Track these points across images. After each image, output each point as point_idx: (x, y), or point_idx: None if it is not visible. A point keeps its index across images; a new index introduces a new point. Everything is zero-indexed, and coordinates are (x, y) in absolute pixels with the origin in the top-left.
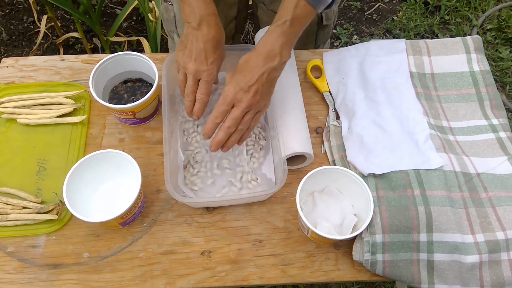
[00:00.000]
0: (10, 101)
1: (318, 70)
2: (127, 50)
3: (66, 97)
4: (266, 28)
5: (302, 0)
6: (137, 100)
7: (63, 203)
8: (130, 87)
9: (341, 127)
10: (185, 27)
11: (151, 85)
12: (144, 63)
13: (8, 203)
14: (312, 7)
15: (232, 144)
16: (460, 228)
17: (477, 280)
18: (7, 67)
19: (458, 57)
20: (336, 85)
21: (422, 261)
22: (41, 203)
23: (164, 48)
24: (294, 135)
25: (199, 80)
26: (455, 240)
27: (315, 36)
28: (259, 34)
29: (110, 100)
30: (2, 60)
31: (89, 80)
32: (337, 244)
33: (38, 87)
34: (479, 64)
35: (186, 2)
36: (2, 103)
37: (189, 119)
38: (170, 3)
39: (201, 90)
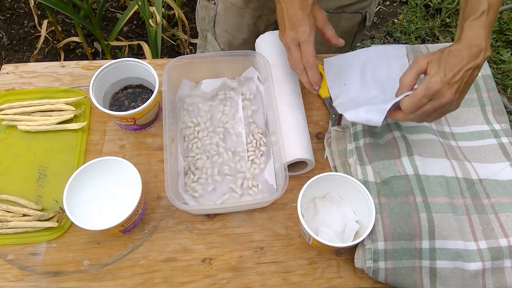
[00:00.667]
0: (11, 108)
1: None
2: (127, 54)
3: (67, 104)
4: (267, 33)
5: None
6: (138, 107)
7: (63, 211)
8: (130, 94)
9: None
10: (277, 4)
11: (152, 91)
12: (145, 69)
13: (9, 210)
14: None
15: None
16: (463, 235)
17: None
18: (8, 73)
19: None
20: (337, 90)
21: (425, 268)
22: (42, 210)
23: (165, 52)
24: (295, 141)
25: (299, 47)
26: (457, 247)
27: (353, 37)
28: (259, 40)
29: (111, 107)
30: (3, 66)
31: (89, 86)
32: (339, 251)
33: (38, 93)
34: (481, 69)
35: None
36: (3, 109)
37: (190, 125)
38: (213, 2)
39: (304, 53)
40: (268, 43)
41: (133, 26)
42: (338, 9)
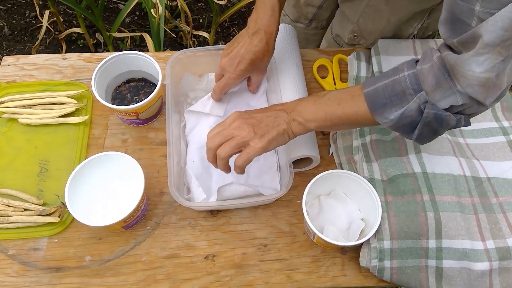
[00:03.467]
0: (12, 101)
1: (324, 70)
2: (129, 46)
3: (68, 97)
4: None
5: (359, 90)
6: (141, 100)
7: (65, 206)
8: (133, 87)
9: None
10: (244, 29)
11: (155, 85)
12: (147, 62)
13: (10, 205)
14: (365, 104)
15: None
16: (470, 234)
17: None
18: (8, 65)
19: None
20: None
21: (431, 267)
22: (43, 205)
23: (168, 44)
24: (300, 137)
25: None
26: (464, 246)
27: None
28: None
29: (113, 100)
30: (3, 58)
31: (91, 79)
32: (343, 249)
33: (39, 86)
34: None
35: (256, 9)
36: (3, 102)
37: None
38: None
39: (218, 84)
40: None
41: (135, 17)
42: None
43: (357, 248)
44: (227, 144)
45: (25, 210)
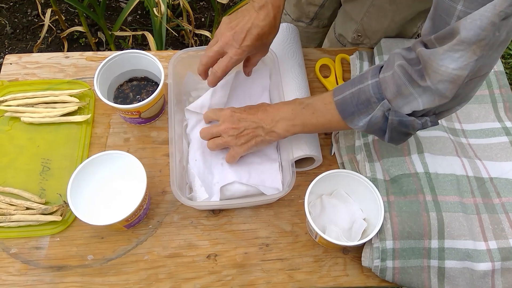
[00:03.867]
0: (14, 99)
1: (327, 69)
2: (131, 44)
3: (71, 96)
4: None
5: (330, 97)
6: (143, 99)
7: (67, 205)
8: (135, 86)
9: None
10: (249, 3)
11: (157, 84)
12: (150, 61)
13: (12, 203)
14: (337, 111)
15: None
16: (472, 234)
17: None
18: (11, 64)
19: None
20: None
21: (433, 268)
22: (45, 203)
23: (169, 43)
24: (302, 137)
25: (223, 52)
26: (467, 247)
27: None
28: None
29: (115, 99)
30: (6, 57)
31: (93, 78)
32: (345, 249)
33: (42, 84)
34: None
35: None
36: (6, 101)
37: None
38: None
39: (220, 64)
40: (276, 36)
41: (137, 16)
42: None
43: (359, 248)
44: (215, 141)
45: (27, 208)
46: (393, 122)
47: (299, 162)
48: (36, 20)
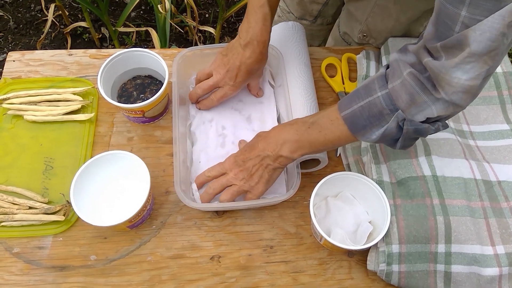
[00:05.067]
0: (17, 97)
1: (333, 69)
2: (135, 40)
3: (74, 94)
4: (280, 24)
5: (336, 113)
6: (147, 98)
7: (70, 204)
8: (139, 85)
9: None
10: (236, 38)
11: (161, 82)
12: (154, 60)
13: (15, 202)
14: (346, 126)
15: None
16: (480, 239)
17: None
18: (14, 61)
19: None
20: None
21: (439, 272)
22: (48, 203)
23: (173, 39)
24: None
25: (217, 86)
26: (474, 251)
27: None
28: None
29: (119, 98)
30: (9, 54)
31: (97, 77)
32: (350, 252)
33: (45, 82)
34: (501, 65)
35: (248, 17)
36: (9, 98)
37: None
38: None
39: (216, 94)
40: (280, 35)
41: (141, 12)
42: None
43: (364, 251)
44: (229, 191)
45: (30, 208)
46: (408, 131)
47: (304, 163)
48: (40, 15)
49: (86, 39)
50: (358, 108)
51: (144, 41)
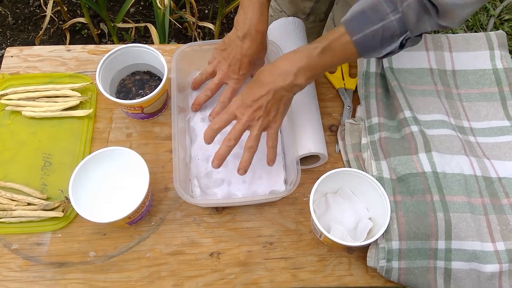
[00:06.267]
0: (15, 93)
1: None
2: (134, 36)
3: (72, 90)
4: (280, 20)
5: (347, 36)
6: (146, 94)
7: (68, 201)
8: (138, 80)
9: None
10: (233, 30)
11: (160, 78)
12: (153, 55)
13: (13, 199)
14: (355, 49)
15: (246, 165)
16: (480, 235)
17: None
18: (12, 56)
19: (480, 54)
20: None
21: (439, 269)
22: (47, 199)
23: (172, 35)
24: (308, 134)
25: (223, 83)
26: (474, 248)
27: None
28: (271, 27)
29: (118, 94)
30: (7, 49)
31: (96, 72)
32: (350, 248)
33: (43, 78)
34: (502, 61)
35: (243, 8)
36: (7, 94)
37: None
38: None
39: (225, 94)
40: (281, 30)
41: (140, 7)
42: None
43: (364, 248)
44: (251, 139)
45: (29, 204)
46: (407, 46)
47: (304, 160)
48: (38, 11)
49: (84, 35)
50: (371, 32)
51: (143, 37)
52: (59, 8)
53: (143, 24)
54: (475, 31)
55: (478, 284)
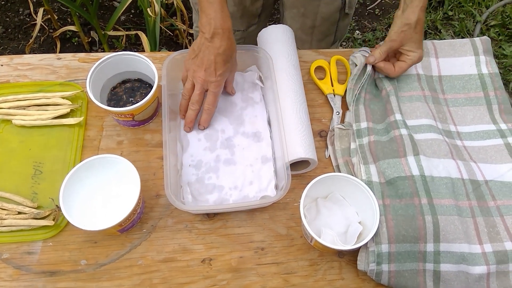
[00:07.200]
0: (5, 102)
1: (322, 71)
2: (125, 44)
3: (63, 98)
4: (270, 27)
5: None
6: (137, 102)
7: (59, 209)
8: (128, 88)
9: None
10: (199, 36)
11: (151, 86)
12: (143, 63)
13: (3, 208)
14: None
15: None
16: (468, 238)
17: None
18: (2, 65)
19: (466, 59)
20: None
21: (428, 271)
22: (37, 208)
23: (163, 43)
24: (298, 140)
25: (206, 90)
26: (462, 250)
27: (336, 26)
28: (262, 34)
29: (108, 101)
30: None
31: (86, 80)
32: (341, 253)
33: (33, 86)
34: (487, 66)
35: (204, 11)
36: None
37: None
38: None
39: (208, 100)
40: (271, 37)
41: (131, 15)
42: None
43: (354, 252)
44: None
45: (19, 213)
46: None
47: (294, 165)
48: (28, 19)
49: (75, 43)
50: None
51: (134, 45)
52: (49, 16)
53: (134, 32)
54: (462, 37)
55: (466, 285)
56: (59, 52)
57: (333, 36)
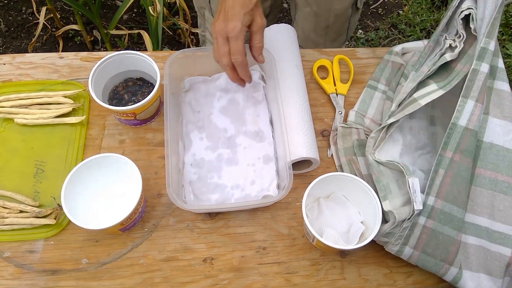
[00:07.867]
0: (7, 100)
1: (324, 71)
2: (127, 43)
3: (65, 97)
4: (272, 26)
5: None
6: (138, 101)
7: (61, 208)
8: (131, 87)
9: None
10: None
11: (153, 85)
12: (146, 62)
13: (5, 206)
14: None
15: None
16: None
17: None
18: (4, 64)
19: None
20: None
21: (463, 244)
22: (39, 206)
23: (166, 42)
24: (300, 139)
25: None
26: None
27: (348, 23)
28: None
29: (110, 101)
30: None
31: (88, 79)
32: (343, 252)
33: (36, 85)
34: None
35: None
36: None
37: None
38: None
39: (232, 50)
40: (273, 36)
41: (133, 14)
42: None
43: (356, 251)
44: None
45: (21, 211)
46: None
47: (296, 165)
48: (31, 18)
49: (78, 42)
50: None
51: (136, 44)
52: (52, 15)
53: (136, 31)
54: None
55: (484, 262)
56: (62, 51)
57: (345, 35)
